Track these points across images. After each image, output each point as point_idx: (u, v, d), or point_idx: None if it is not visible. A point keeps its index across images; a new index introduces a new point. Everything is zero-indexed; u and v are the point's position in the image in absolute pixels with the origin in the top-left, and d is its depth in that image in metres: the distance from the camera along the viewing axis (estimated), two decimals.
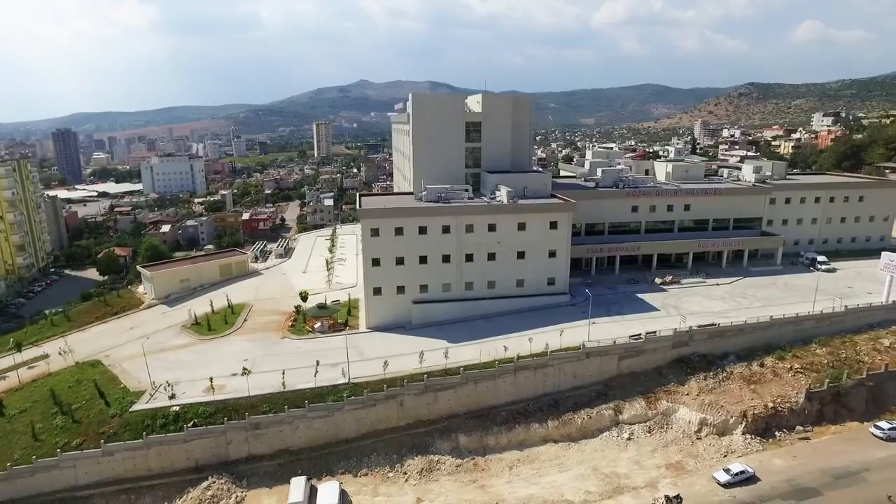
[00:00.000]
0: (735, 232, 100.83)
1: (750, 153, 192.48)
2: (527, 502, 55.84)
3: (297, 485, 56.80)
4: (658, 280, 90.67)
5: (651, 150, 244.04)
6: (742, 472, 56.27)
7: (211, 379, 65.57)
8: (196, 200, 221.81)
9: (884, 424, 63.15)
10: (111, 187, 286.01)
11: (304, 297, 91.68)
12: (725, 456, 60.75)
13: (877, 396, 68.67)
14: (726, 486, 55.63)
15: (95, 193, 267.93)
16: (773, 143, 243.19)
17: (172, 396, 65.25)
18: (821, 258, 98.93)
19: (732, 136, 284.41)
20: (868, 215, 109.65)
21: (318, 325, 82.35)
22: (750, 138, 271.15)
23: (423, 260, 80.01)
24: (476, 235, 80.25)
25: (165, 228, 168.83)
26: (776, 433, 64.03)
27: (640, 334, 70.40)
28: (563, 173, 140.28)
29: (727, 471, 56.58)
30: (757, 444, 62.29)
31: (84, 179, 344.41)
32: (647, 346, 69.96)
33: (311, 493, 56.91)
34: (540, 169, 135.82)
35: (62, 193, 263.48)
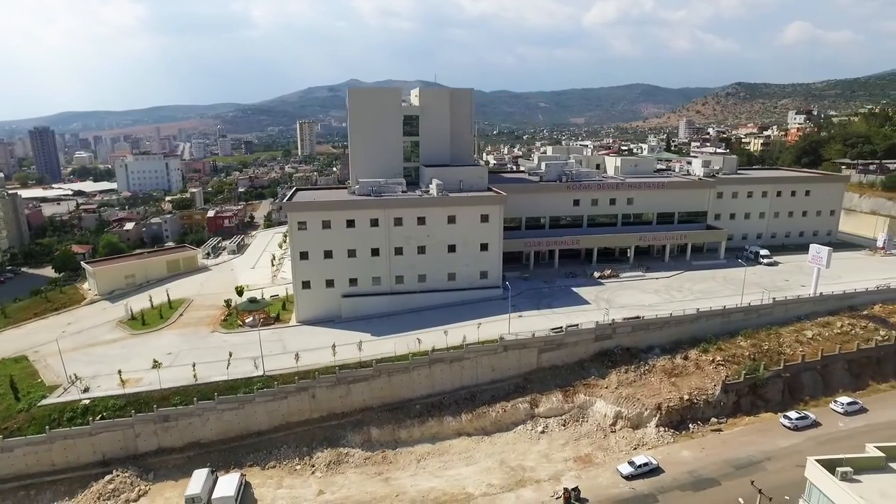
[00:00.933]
0: (679, 226, 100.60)
1: (719, 150, 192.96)
2: (427, 495, 55.39)
3: (198, 477, 56.07)
4: (596, 274, 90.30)
5: (626, 148, 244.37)
6: (646, 465, 55.93)
7: (119, 372, 64.98)
8: (167, 198, 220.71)
9: (792, 414, 62.99)
10: (88, 186, 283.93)
11: (239, 291, 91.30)
12: (636, 449, 60.41)
13: (793, 387, 68.54)
14: (629, 478, 55.25)
15: (71, 192, 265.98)
16: (743, 140, 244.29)
17: (86, 390, 64.67)
18: (763, 252, 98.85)
19: (707, 134, 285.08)
20: (815, 210, 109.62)
21: (249, 319, 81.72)
22: (725, 135, 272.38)
23: (351, 253, 79.49)
24: (405, 228, 79.73)
25: (129, 226, 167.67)
26: (690, 425, 63.72)
27: (561, 327, 69.97)
28: (521, 168, 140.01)
29: (631, 463, 56.22)
30: (669, 437, 61.95)
31: (63, 178, 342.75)
32: (568, 340, 69.49)
33: (214, 486, 56.23)
34: (484, 162, 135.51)
35: (37, 192, 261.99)
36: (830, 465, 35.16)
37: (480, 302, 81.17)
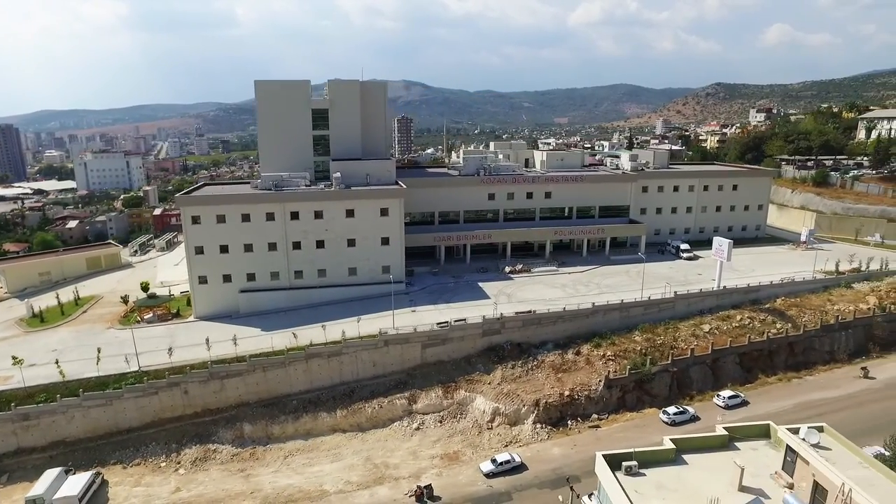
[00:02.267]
0: (599, 220, 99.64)
1: (675, 146, 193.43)
2: (282, 492, 53.96)
3: (46, 477, 54.10)
4: (507, 269, 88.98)
5: (589, 145, 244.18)
6: (507, 462, 54.67)
7: None
8: (121, 197, 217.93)
9: (671, 410, 61.94)
10: (48, 185, 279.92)
11: (144, 287, 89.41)
12: (507, 446, 59.16)
13: (682, 381, 67.56)
14: (489, 475, 53.96)
15: (30, 191, 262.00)
16: (701, 137, 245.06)
17: None
18: (684, 246, 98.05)
19: (666, 133, 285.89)
20: (743, 204, 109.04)
21: (148, 315, 79.96)
22: (686, 133, 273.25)
23: (248, 248, 77.83)
24: (302, 222, 78.20)
25: (72, 224, 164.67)
26: (569, 422, 62.51)
27: (447, 322, 68.56)
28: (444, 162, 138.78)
29: (493, 461, 54.98)
30: (544, 434, 60.75)
31: (28, 177, 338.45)
32: (454, 335, 68.07)
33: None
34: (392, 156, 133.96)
35: None
36: (619, 460, 33.94)
37: (382, 297, 79.49)
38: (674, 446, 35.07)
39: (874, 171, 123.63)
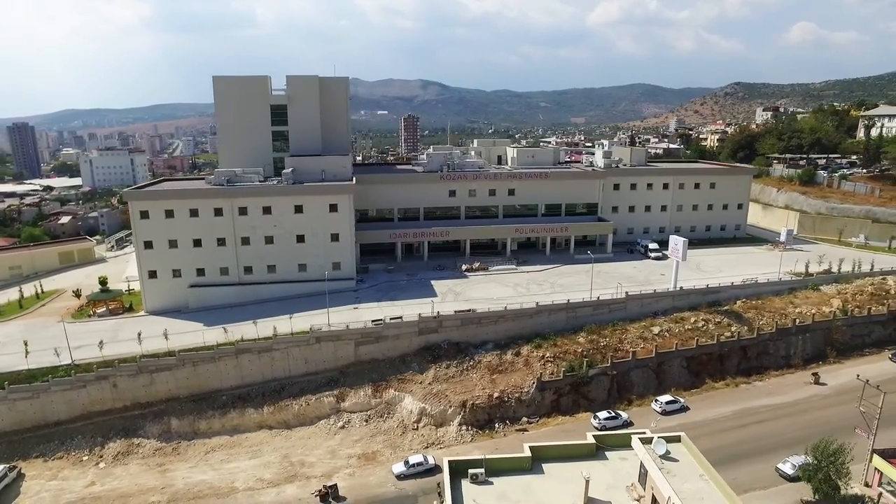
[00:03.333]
0: (565, 218, 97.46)
1: (673, 146, 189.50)
2: (192, 488, 53.42)
3: None
4: (464, 267, 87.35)
5: (588, 144, 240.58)
6: (419, 464, 53.31)
7: None
8: (119, 193, 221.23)
9: (602, 414, 59.74)
10: (59, 181, 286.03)
11: (102, 281, 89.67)
12: (427, 447, 57.81)
13: (623, 385, 65.22)
14: (400, 477, 52.66)
15: (40, 187, 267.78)
16: (701, 136, 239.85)
17: None
18: (652, 245, 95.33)
19: (667, 132, 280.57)
20: (721, 203, 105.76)
21: (101, 309, 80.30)
22: (690, 132, 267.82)
23: (197, 243, 77.53)
24: (251, 218, 77.72)
25: (65, 220, 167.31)
26: (497, 425, 60.75)
27: (381, 319, 67.27)
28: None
29: (406, 463, 53.67)
30: (469, 436, 59.10)
31: (43, 174, 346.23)
32: (388, 332, 66.72)
33: None
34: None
35: (7, 187, 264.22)
36: (467, 466, 32.24)
37: (332, 293, 78.39)
38: (529, 454, 33.15)
39: (865, 170, 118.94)
